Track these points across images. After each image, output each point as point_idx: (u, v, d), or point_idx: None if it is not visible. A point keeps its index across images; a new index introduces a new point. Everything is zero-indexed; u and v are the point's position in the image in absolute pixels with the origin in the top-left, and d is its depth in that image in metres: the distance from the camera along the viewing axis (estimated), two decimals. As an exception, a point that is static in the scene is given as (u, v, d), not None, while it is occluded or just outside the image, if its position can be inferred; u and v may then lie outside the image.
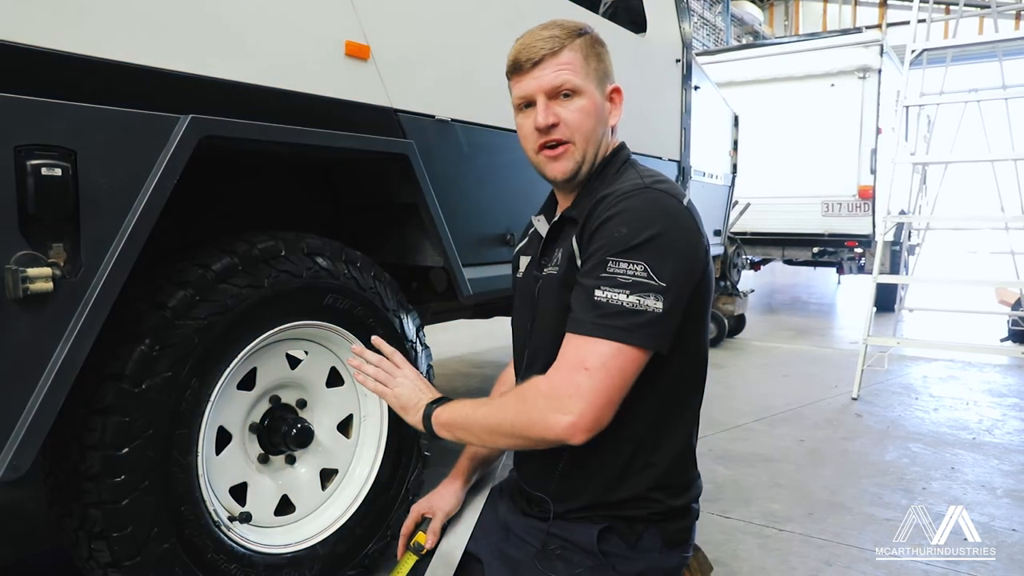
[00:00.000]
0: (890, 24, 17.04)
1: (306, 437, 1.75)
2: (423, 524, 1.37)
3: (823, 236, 7.53)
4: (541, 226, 1.34)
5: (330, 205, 2.26)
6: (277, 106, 1.59)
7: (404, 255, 2.18)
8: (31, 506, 2.43)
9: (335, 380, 1.90)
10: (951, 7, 12.01)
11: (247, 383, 1.70)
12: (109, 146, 1.25)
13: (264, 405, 1.76)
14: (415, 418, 1.27)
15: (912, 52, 4.43)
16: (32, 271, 1.14)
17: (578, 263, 1.16)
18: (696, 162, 4.38)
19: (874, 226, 7.07)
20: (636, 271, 1.06)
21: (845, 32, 8.33)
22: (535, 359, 1.26)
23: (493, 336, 5.77)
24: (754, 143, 6.96)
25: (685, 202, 1.17)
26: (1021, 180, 5.32)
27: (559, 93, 1.19)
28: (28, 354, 1.17)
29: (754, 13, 19.22)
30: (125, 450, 1.37)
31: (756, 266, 8.38)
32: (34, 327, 1.17)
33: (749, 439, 3.38)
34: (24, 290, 1.13)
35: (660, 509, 1.19)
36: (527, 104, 1.22)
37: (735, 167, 6.00)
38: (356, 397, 1.93)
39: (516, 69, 1.22)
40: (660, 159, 3.51)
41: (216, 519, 1.57)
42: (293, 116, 1.62)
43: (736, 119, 6.02)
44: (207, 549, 1.53)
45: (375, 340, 1.40)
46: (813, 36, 8.81)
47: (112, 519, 1.37)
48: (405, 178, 1.94)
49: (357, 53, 1.78)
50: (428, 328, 2.35)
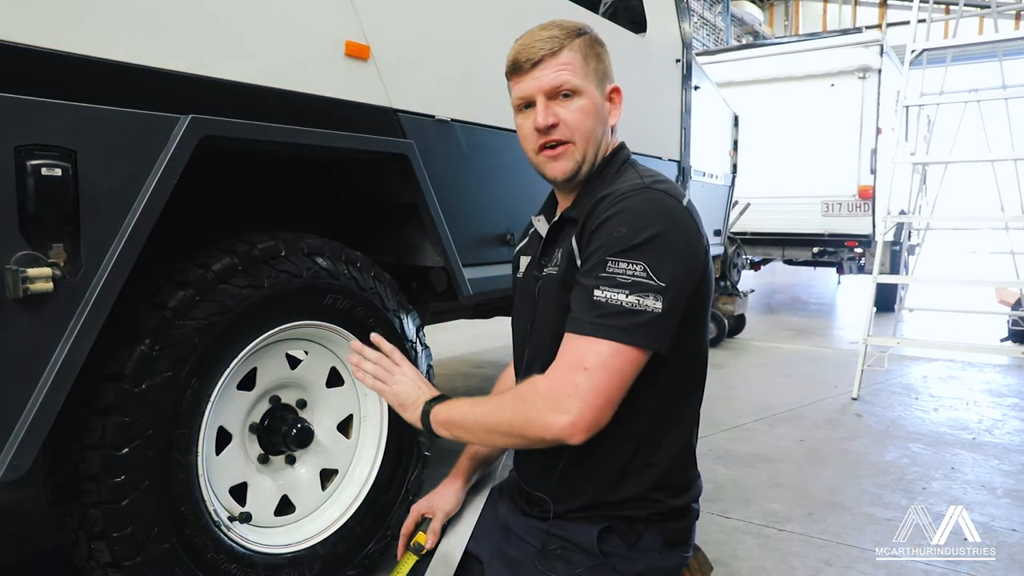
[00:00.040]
0: (890, 24, 17.04)
1: (306, 437, 1.75)
2: (423, 524, 1.37)
3: (823, 236, 7.53)
4: (541, 226, 1.34)
5: (330, 205, 2.26)
6: (277, 106, 1.59)
7: (404, 255, 2.18)
8: (31, 506, 2.43)
9: (335, 380, 1.90)
10: (951, 7, 12.01)
11: (247, 383, 1.70)
12: (109, 146, 1.25)
13: (264, 405, 1.76)
14: (413, 416, 1.27)
15: (912, 52, 4.43)
16: (32, 271, 1.14)
17: (578, 263, 1.16)
18: (696, 162, 4.38)
19: (874, 226, 7.07)
20: (635, 271, 1.06)
21: (845, 32, 8.33)
22: (535, 359, 1.26)
23: (493, 336, 5.77)
24: (754, 143, 6.96)
25: (685, 202, 1.17)
26: (1021, 180, 5.32)
27: (559, 93, 1.19)
28: (28, 354, 1.17)
29: (754, 13, 19.22)
30: (125, 450, 1.37)
31: (756, 266, 8.39)
32: (34, 327, 1.17)
33: (749, 439, 3.38)
34: (24, 290, 1.13)
35: (660, 509, 1.19)
36: (527, 105, 1.23)
37: (735, 167, 6.00)
38: (356, 397, 1.93)
39: (515, 70, 1.22)
40: (660, 159, 3.51)
41: (216, 519, 1.57)
42: (293, 116, 1.62)
43: (736, 119, 6.02)
44: (207, 549, 1.53)
45: (374, 337, 1.40)
46: (813, 36, 8.81)
47: (112, 519, 1.37)
48: (405, 178, 1.94)
49: (357, 53, 1.78)
50: (428, 328, 2.35)
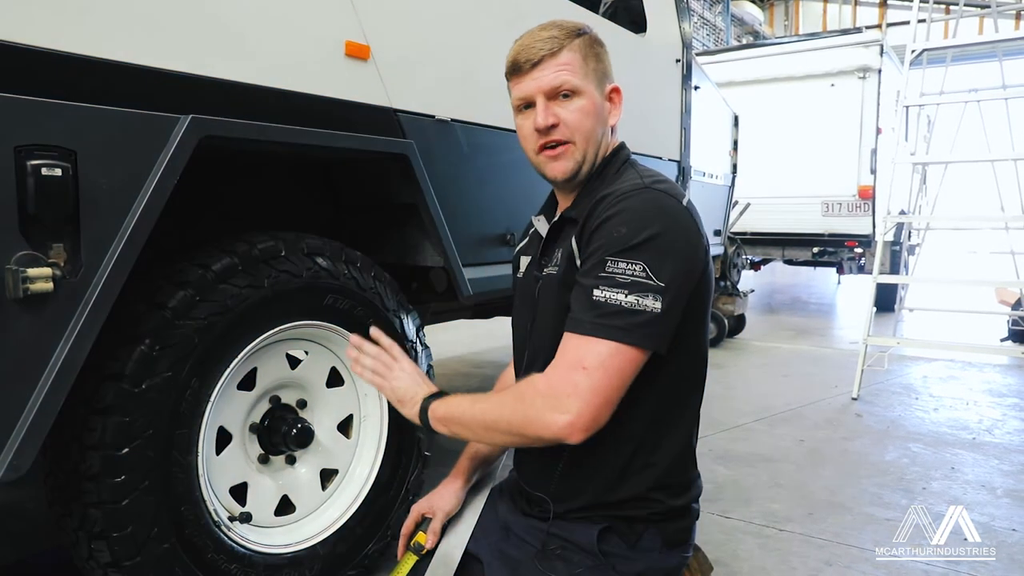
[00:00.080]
0: (890, 24, 17.04)
1: (306, 437, 1.75)
2: (423, 524, 1.37)
3: (823, 236, 7.53)
4: (541, 226, 1.34)
5: (330, 205, 2.26)
6: (277, 106, 1.59)
7: (404, 255, 2.18)
8: (31, 506, 2.43)
9: (335, 380, 1.90)
10: (951, 7, 12.01)
11: (247, 383, 1.70)
12: (109, 146, 1.25)
13: (264, 405, 1.76)
14: (411, 411, 1.26)
15: (912, 52, 4.43)
16: (32, 271, 1.14)
17: (577, 263, 1.16)
18: (696, 162, 4.38)
19: (874, 226, 7.07)
20: (635, 271, 1.06)
21: (845, 32, 8.33)
22: (535, 359, 1.26)
23: (493, 336, 5.77)
24: (754, 143, 6.96)
25: (685, 202, 1.17)
26: (1021, 180, 5.32)
27: (558, 94, 1.19)
28: (28, 354, 1.17)
29: (754, 13, 19.22)
30: (125, 450, 1.37)
31: (756, 266, 8.39)
32: (34, 327, 1.17)
33: (749, 439, 3.38)
34: (24, 290, 1.13)
35: (660, 509, 1.19)
36: (527, 105, 1.22)
37: (735, 167, 6.00)
38: (356, 397, 1.93)
39: (515, 70, 1.22)
40: (660, 159, 3.51)
41: (216, 519, 1.57)
42: (293, 116, 1.62)
43: (736, 119, 6.02)
44: (207, 549, 1.53)
45: (373, 332, 1.38)
46: (813, 36, 8.81)
47: (112, 519, 1.38)
48: (405, 178, 1.94)
49: (357, 53, 1.78)
50: (428, 328, 2.35)
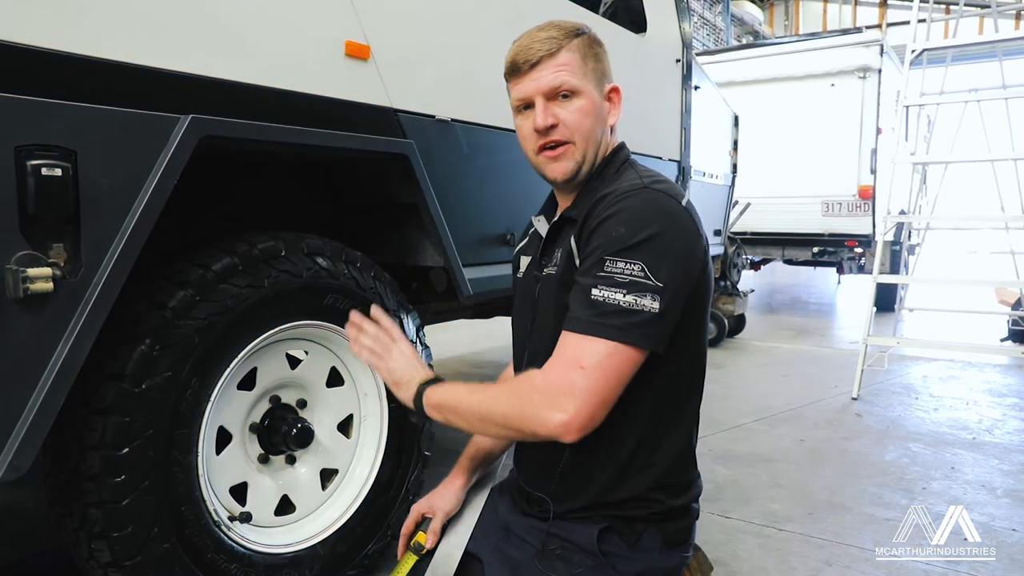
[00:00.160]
0: (890, 24, 17.04)
1: (306, 437, 1.75)
2: (423, 524, 1.37)
3: (823, 236, 7.53)
4: (541, 226, 1.34)
5: (330, 205, 2.26)
6: (277, 106, 1.59)
7: (404, 255, 2.18)
8: (31, 506, 2.43)
9: (335, 380, 1.90)
10: (951, 7, 12.01)
11: (247, 383, 1.70)
12: (109, 146, 1.25)
13: (264, 405, 1.76)
14: (406, 395, 1.25)
15: (912, 52, 4.43)
16: (32, 271, 1.14)
17: (576, 262, 1.16)
18: (696, 162, 4.38)
19: (874, 226, 7.07)
20: (633, 271, 1.06)
21: (845, 32, 8.32)
22: (535, 359, 1.25)
23: (493, 336, 5.77)
24: (754, 143, 6.96)
25: (684, 202, 1.17)
26: (1021, 180, 5.32)
27: (557, 94, 1.19)
28: (28, 354, 1.17)
29: (754, 13, 19.22)
30: (125, 450, 1.37)
31: (756, 266, 8.39)
32: (34, 327, 1.17)
33: (749, 439, 3.38)
34: (24, 290, 1.13)
35: (660, 509, 1.19)
36: (526, 106, 1.22)
37: (735, 167, 6.00)
38: (356, 397, 1.93)
39: (514, 71, 1.22)
40: (660, 159, 3.50)
41: (216, 519, 1.57)
42: (293, 116, 1.62)
43: (736, 119, 6.02)
44: (207, 549, 1.53)
45: (374, 311, 1.37)
46: (813, 36, 8.81)
47: (112, 519, 1.38)
48: (405, 178, 1.94)
49: (357, 53, 1.78)
50: (428, 328, 2.35)
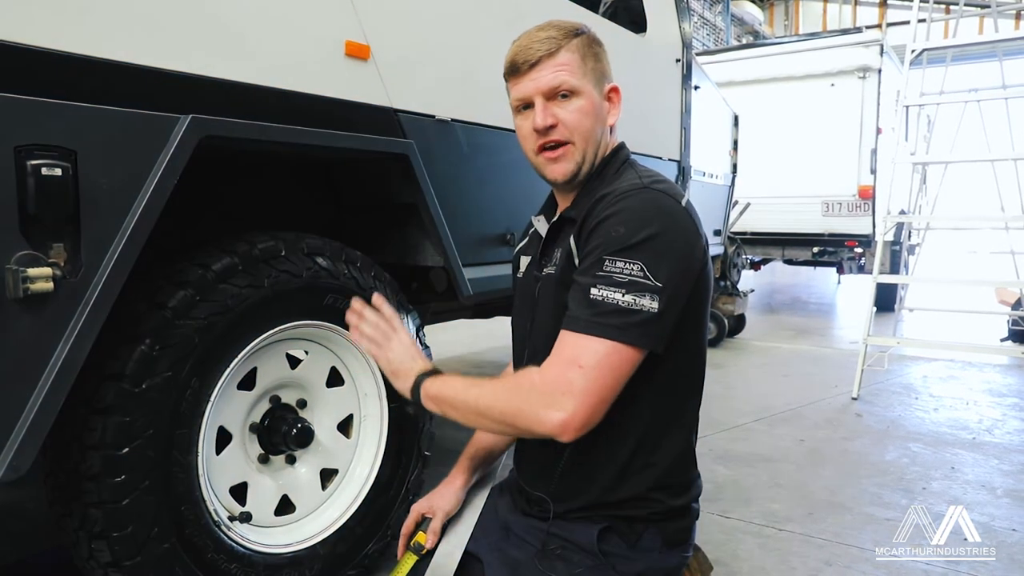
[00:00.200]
0: (890, 24, 17.04)
1: (306, 437, 1.75)
2: (423, 524, 1.37)
3: (823, 236, 7.53)
4: (541, 226, 1.34)
5: (331, 205, 2.26)
6: (277, 106, 1.59)
7: (404, 255, 2.18)
8: (31, 506, 2.43)
9: (335, 380, 1.90)
10: (951, 7, 12.01)
11: (247, 383, 1.70)
12: (109, 146, 1.25)
13: (264, 405, 1.76)
14: (404, 385, 1.24)
15: (912, 52, 4.43)
16: (32, 271, 1.14)
17: (575, 262, 1.16)
18: (696, 162, 4.38)
19: (874, 226, 7.07)
20: (632, 270, 1.06)
21: (845, 32, 8.33)
22: (534, 359, 1.25)
23: (493, 336, 5.77)
24: (754, 143, 6.96)
25: (683, 202, 1.17)
26: (1021, 180, 5.32)
27: (557, 94, 1.19)
28: (28, 354, 1.17)
29: (754, 13, 19.22)
30: (125, 450, 1.37)
31: (756, 266, 8.39)
32: (34, 327, 1.17)
33: (749, 439, 3.38)
34: (24, 290, 1.13)
35: (660, 509, 1.19)
36: (525, 106, 1.22)
37: (735, 167, 6.00)
38: (356, 397, 1.93)
39: (513, 71, 1.22)
40: (660, 159, 3.51)
41: (216, 519, 1.57)
42: (293, 116, 1.62)
43: (736, 119, 6.02)
44: (207, 549, 1.53)
45: (376, 298, 1.36)
46: (813, 36, 8.81)
47: (112, 519, 1.38)
48: (405, 178, 1.94)
49: (357, 53, 1.78)
50: (428, 328, 2.36)
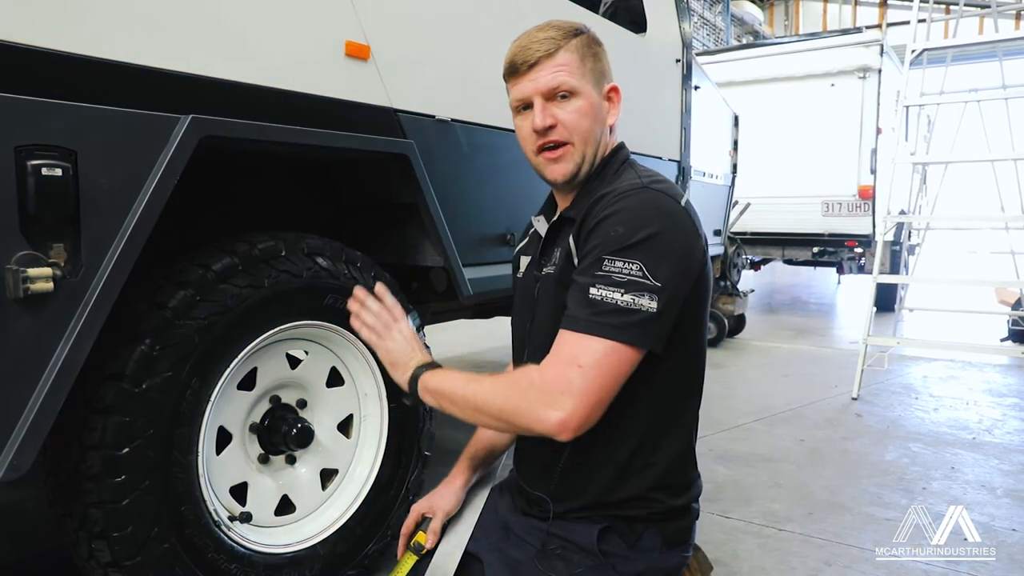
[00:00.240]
0: (890, 24, 17.04)
1: (306, 437, 1.75)
2: (423, 524, 1.37)
3: (823, 236, 7.54)
4: (541, 226, 1.34)
5: (330, 205, 2.26)
6: (277, 106, 1.59)
7: (404, 255, 2.18)
8: (31, 506, 2.43)
9: (335, 380, 1.90)
10: (951, 7, 12.01)
11: (247, 383, 1.70)
12: (109, 146, 1.25)
13: (264, 405, 1.76)
14: (403, 376, 1.25)
15: (912, 52, 4.43)
16: (32, 271, 1.14)
17: (575, 261, 1.16)
18: (696, 162, 4.38)
19: (874, 226, 7.07)
20: (632, 270, 1.06)
21: (845, 32, 8.33)
22: (534, 359, 1.25)
23: (493, 336, 5.77)
24: (754, 143, 6.96)
25: (683, 202, 1.17)
26: (1021, 180, 5.32)
27: (556, 94, 1.19)
28: (28, 354, 1.17)
29: (754, 13, 19.22)
30: (125, 450, 1.37)
31: (756, 266, 8.39)
32: (34, 327, 1.17)
33: (749, 439, 3.38)
34: (24, 290, 1.13)
35: (660, 509, 1.19)
36: (525, 106, 1.22)
37: (735, 167, 6.00)
38: (356, 397, 1.93)
39: (513, 72, 1.22)
40: (660, 159, 3.50)
41: (216, 519, 1.57)
42: (293, 116, 1.62)
43: (736, 119, 6.02)
44: (207, 549, 1.53)
45: (378, 288, 1.36)
46: (813, 36, 8.82)
47: (112, 519, 1.38)
48: (405, 178, 1.94)
49: (357, 53, 1.78)
50: (428, 328, 2.36)
